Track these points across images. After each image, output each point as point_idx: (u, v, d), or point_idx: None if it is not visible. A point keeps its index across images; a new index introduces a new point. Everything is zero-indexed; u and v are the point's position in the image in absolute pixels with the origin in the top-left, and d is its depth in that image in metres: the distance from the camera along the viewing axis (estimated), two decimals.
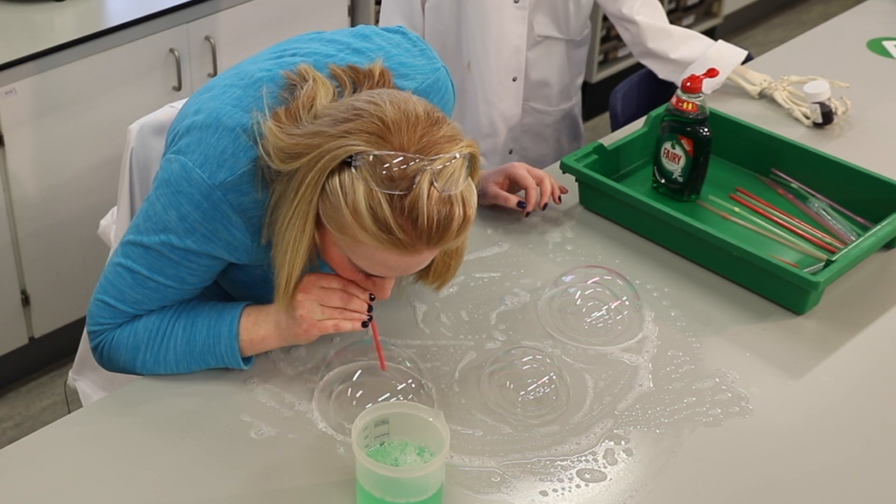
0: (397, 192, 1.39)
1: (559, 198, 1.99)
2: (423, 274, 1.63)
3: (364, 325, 1.58)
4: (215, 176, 1.51)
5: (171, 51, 2.80)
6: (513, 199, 1.98)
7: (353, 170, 1.40)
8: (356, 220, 1.41)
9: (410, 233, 1.40)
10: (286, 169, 1.46)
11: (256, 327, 1.62)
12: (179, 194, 1.53)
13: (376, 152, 1.39)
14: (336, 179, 1.41)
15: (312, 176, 1.43)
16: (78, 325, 2.25)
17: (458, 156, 1.41)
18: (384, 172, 1.38)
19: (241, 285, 1.73)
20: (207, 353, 1.63)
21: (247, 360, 1.65)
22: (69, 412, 1.67)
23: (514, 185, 2.00)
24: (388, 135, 1.40)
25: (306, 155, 1.43)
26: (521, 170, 1.98)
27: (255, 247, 1.58)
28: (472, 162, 1.44)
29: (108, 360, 1.68)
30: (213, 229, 1.54)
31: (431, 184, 1.38)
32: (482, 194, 2.00)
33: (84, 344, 2.10)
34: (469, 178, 1.44)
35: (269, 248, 1.58)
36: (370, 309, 1.59)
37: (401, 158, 1.39)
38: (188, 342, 1.62)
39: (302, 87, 1.51)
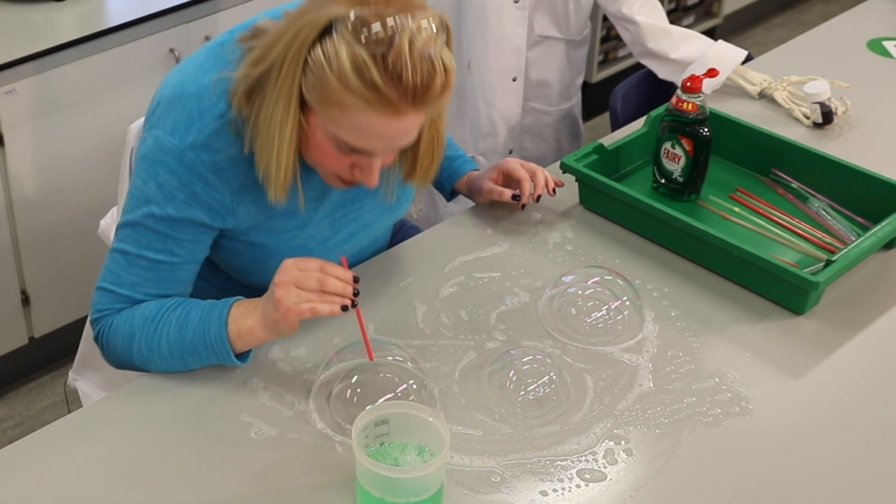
0: (380, 51, 1.43)
1: (554, 189, 1.99)
2: (410, 170, 1.69)
3: (344, 308, 1.54)
4: (185, 139, 1.57)
5: (171, 51, 2.80)
6: (507, 193, 1.98)
7: (335, 35, 1.45)
8: (343, 83, 1.45)
9: (396, 89, 1.45)
10: (261, 69, 1.51)
11: (245, 317, 1.59)
12: (156, 164, 1.59)
13: (356, 14, 1.44)
14: (318, 49, 1.46)
15: (293, 53, 1.47)
16: (78, 325, 2.25)
17: (430, 20, 1.47)
18: (365, 33, 1.44)
19: (241, 270, 1.75)
20: (198, 343, 1.60)
21: (242, 356, 1.63)
22: (69, 412, 1.66)
23: (508, 180, 2.00)
24: (364, 1, 1.46)
25: (283, 39, 1.48)
26: (514, 163, 1.98)
27: (234, 206, 1.62)
28: (446, 29, 1.50)
29: (108, 348, 1.68)
30: (191, 193, 1.59)
31: (412, 42, 1.44)
32: (477, 192, 2.00)
33: (84, 344, 2.10)
34: (445, 45, 1.49)
35: (251, 208, 1.63)
36: (356, 294, 1.56)
37: (380, 20, 1.44)
38: (180, 329, 1.61)
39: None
